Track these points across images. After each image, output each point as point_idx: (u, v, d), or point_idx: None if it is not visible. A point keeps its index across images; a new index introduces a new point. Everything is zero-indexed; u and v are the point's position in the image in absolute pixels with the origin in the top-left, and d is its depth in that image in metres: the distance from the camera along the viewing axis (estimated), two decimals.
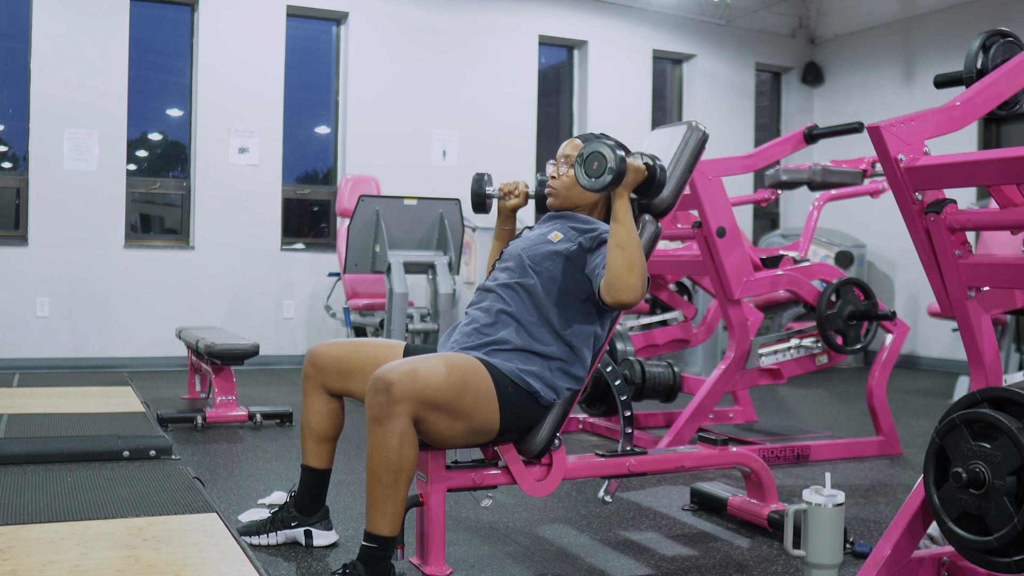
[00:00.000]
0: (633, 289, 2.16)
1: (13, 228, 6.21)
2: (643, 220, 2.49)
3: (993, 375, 2.04)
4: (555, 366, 2.30)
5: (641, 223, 2.48)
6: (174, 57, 6.75)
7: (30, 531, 2.12)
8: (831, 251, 7.51)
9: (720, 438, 2.75)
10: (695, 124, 2.63)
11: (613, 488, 2.78)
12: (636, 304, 2.21)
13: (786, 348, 3.96)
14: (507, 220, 2.64)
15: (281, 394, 5.36)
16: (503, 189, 2.59)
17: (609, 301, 2.19)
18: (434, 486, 2.29)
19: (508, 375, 2.23)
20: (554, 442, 2.36)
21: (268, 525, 2.53)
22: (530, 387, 2.25)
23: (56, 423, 3.37)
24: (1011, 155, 1.77)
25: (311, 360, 2.43)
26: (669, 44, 8.27)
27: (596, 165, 2.17)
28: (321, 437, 2.45)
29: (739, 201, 4.79)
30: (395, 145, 7.11)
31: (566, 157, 2.48)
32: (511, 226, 2.65)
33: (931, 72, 7.45)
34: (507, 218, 2.64)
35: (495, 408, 2.21)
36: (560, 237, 2.38)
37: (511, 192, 2.58)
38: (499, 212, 2.64)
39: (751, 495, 2.85)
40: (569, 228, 2.40)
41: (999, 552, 1.74)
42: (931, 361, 7.63)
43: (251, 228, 6.73)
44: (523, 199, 2.59)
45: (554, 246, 2.36)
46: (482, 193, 2.59)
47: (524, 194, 2.59)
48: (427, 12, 7.28)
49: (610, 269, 2.17)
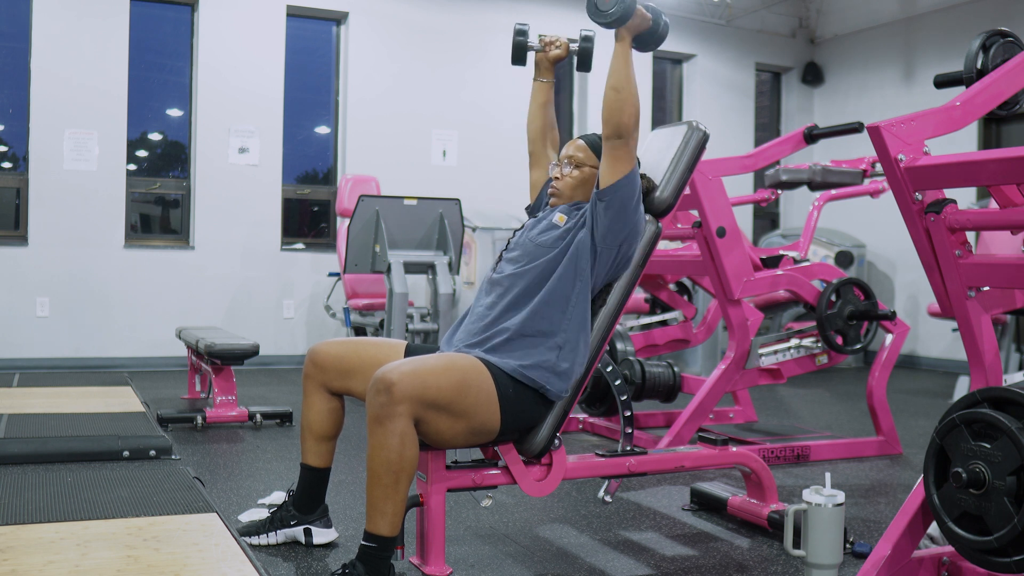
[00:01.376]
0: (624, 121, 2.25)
1: (13, 228, 6.21)
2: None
3: (993, 375, 2.04)
4: (561, 353, 2.29)
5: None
6: (174, 57, 6.75)
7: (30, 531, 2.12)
8: (831, 251, 7.51)
9: (720, 438, 2.75)
10: (695, 124, 2.63)
11: (613, 488, 2.78)
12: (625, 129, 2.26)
13: (786, 348, 3.96)
14: (546, 72, 2.66)
15: (281, 394, 5.36)
16: (544, 40, 2.62)
17: (606, 132, 2.27)
18: (434, 486, 2.29)
19: (510, 374, 2.23)
20: (554, 442, 2.36)
21: (267, 525, 2.53)
22: (534, 383, 2.25)
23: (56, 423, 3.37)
24: (1011, 155, 1.77)
25: (312, 359, 2.43)
26: (669, 44, 8.21)
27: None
28: (321, 436, 2.46)
29: (739, 201, 4.79)
30: (395, 145, 7.11)
31: (569, 158, 2.49)
32: (550, 78, 2.67)
33: (931, 72, 7.44)
34: (546, 70, 2.66)
35: (496, 408, 2.21)
36: (565, 219, 2.41)
37: (552, 43, 2.62)
38: (537, 65, 2.66)
39: (751, 495, 2.85)
40: (572, 209, 2.44)
41: (999, 552, 1.74)
42: (931, 361, 7.63)
43: (251, 228, 6.73)
44: (564, 50, 2.62)
45: (560, 228, 2.38)
46: (523, 44, 2.60)
47: (566, 45, 2.61)
48: (427, 12, 7.28)
49: (603, 108, 2.25)
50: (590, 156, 2.47)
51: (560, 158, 2.52)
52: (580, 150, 2.49)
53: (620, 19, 2.25)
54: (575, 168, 2.47)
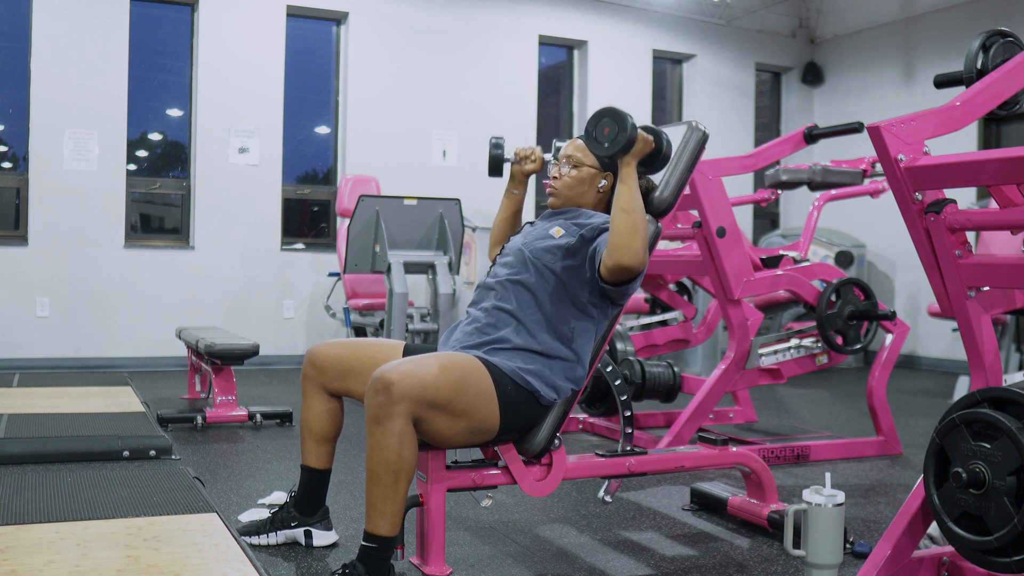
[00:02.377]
0: (636, 253, 2.14)
1: (13, 228, 6.21)
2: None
3: (993, 375, 2.04)
4: (556, 365, 2.30)
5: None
6: (174, 57, 6.75)
7: (30, 531, 2.12)
8: (831, 251, 7.51)
9: (720, 438, 2.75)
10: (695, 124, 2.63)
11: (613, 488, 2.78)
12: (637, 270, 2.17)
13: (786, 348, 3.96)
14: (519, 184, 2.67)
15: (281, 394, 5.36)
16: (519, 154, 2.62)
17: (610, 264, 2.17)
18: (434, 486, 2.29)
19: (508, 374, 2.23)
20: (554, 442, 2.36)
21: (268, 525, 2.53)
22: (530, 386, 2.25)
23: (56, 423, 3.37)
24: (1011, 155, 1.77)
25: (310, 360, 2.43)
26: (669, 44, 8.27)
27: (607, 131, 2.19)
28: (321, 437, 2.45)
29: (739, 201, 4.79)
30: (395, 145, 7.11)
31: (568, 158, 2.48)
32: (522, 191, 2.69)
33: (931, 72, 7.45)
34: (519, 183, 2.67)
35: (495, 407, 2.21)
36: (562, 232, 2.37)
37: (527, 157, 2.61)
38: (512, 176, 2.67)
39: (751, 495, 2.85)
40: (571, 224, 2.40)
41: (999, 552, 1.74)
42: (931, 361, 7.63)
43: (251, 228, 6.73)
44: (539, 164, 2.62)
45: (555, 241, 2.35)
46: (500, 157, 2.62)
47: (540, 159, 2.62)
48: (427, 12, 7.28)
49: (614, 232, 2.16)
50: (589, 156, 2.46)
51: (559, 157, 2.51)
52: (579, 150, 2.47)
53: (624, 150, 2.19)
54: (573, 168, 2.46)
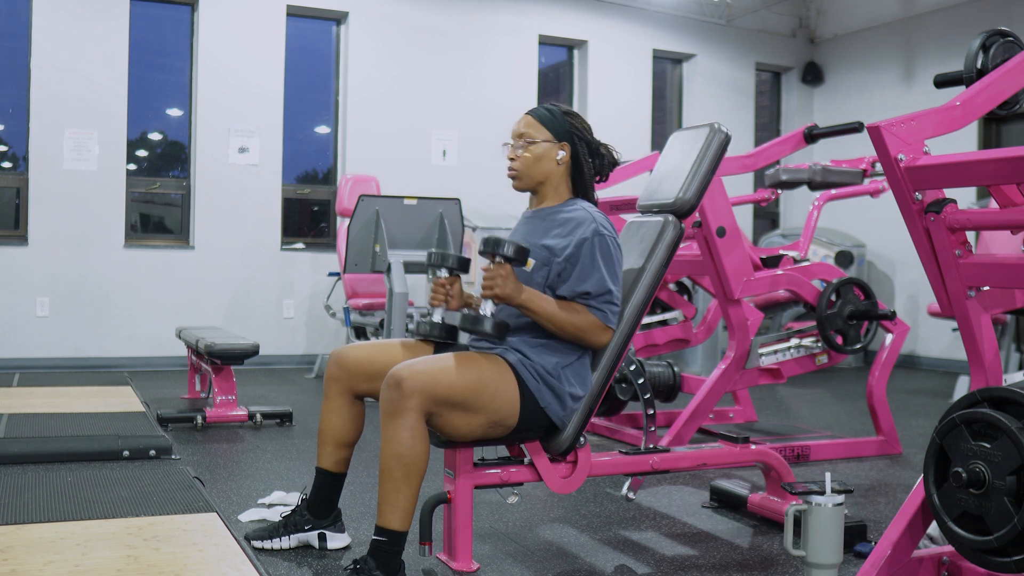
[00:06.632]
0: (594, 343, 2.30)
1: (13, 228, 6.21)
2: (665, 220, 2.49)
3: (993, 375, 2.04)
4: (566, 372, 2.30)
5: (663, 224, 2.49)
6: (174, 57, 6.75)
7: (30, 531, 2.12)
8: (831, 251, 7.51)
9: (741, 436, 2.76)
10: (717, 126, 2.71)
11: (636, 485, 2.80)
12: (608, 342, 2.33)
13: (786, 348, 3.96)
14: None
15: (281, 394, 5.36)
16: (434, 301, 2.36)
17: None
18: (461, 482, 2.30)
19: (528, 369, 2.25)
20: (580, 440, 2.37)
21: (280, 529, 2.48)
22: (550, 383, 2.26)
23: (56, 423, 3.37)
24: (1011, 155, 1.77)
25: (338, 362, 2.38)
26: (669, 44, 8.26)
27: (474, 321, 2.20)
28: (340, 442, 2.42)
29: (739, 201, 4.79)
30: (395, 145, 7.11)
31: (519, 136, 2.40)
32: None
33: (931, 72, 7.44)
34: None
35: (514, 400, 2.21)
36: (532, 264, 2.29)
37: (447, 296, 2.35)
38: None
39: (771, 492, 2.87)
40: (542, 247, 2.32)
41: (999, 552, 1.74)
42: (931, 361, 7.63)
43: (251, 228, 6.73)
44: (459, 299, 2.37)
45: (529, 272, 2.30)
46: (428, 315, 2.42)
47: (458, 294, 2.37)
48: (427, 12, 7.27)
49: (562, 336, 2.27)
50: (541, 130, 2.38)
51: (512, 136, 2.43)
52: (529, 126, 2.39)
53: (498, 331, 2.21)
54: (528, 145, 2.38)
